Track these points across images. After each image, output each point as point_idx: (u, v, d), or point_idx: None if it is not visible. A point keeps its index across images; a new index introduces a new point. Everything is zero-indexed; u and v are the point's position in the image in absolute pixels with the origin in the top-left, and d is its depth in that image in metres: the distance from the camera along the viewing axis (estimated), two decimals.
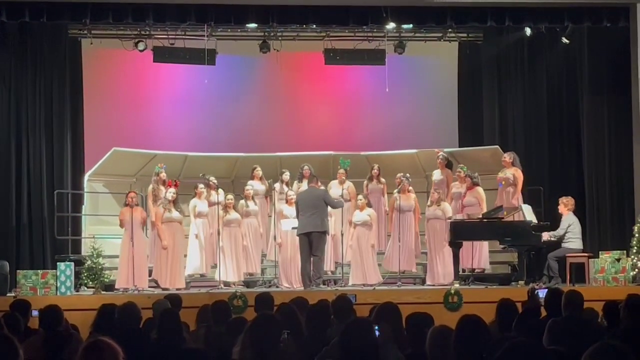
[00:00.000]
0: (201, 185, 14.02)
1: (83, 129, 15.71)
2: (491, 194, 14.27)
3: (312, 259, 12.87)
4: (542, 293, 8.75)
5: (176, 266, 13.30)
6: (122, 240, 13.17)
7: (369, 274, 13.65)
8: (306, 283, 12.86)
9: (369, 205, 13.95)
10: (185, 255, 13.71)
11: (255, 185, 14.41)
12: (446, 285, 13.15)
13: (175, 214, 13.38)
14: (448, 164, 14.79)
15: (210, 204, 14.00)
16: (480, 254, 14.01)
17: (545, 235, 13.31)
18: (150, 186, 13.97)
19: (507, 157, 14.28)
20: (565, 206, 13.63)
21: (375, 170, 14.80)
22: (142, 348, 5.93)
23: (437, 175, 14.70)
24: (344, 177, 14.36)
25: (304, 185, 14.01)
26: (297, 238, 13.08)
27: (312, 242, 12.87)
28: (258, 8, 13.87)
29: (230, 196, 13.90)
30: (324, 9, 14.01)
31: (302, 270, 12.97)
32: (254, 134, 16.63)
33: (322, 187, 13.69)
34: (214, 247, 13.88)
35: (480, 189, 14.11)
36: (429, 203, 14.08)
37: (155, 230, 13.40)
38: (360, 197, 13.95)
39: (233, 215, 13.77)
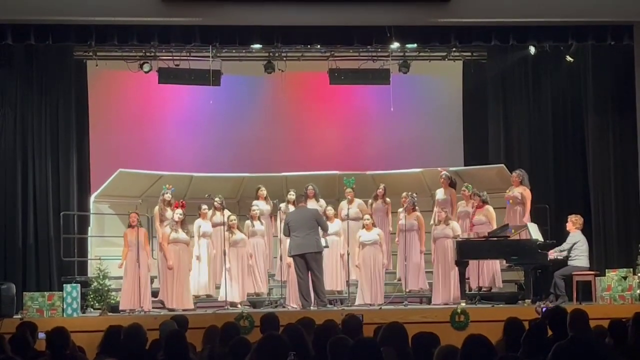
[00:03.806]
0: (204, 206, 14.05)
1: (89, 150, 15.72)
2: (498, 213, 14.25)
3: (312, 280, 12.83)
4: None
5: (182, 287, 13.31)
6: (126, 262, 13.17)
7: (379, 294, 13.62)
8: (304, 303, 12.82)
9: (374, 225, 13.94)
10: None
11: (260, 205, 14.41)
12: (453, 304, 13.12)
13: (181, 234, 13.40)
14: (451, 184, 14.78)
15: (215, 225, 14.03)
16: (487, 273, 13.98)
17: (552, 253, 13.30)
18: (157, 207, 14.00)
19: (516, 175, 14.28)
20: (574, 224, 13.60)
21: (381, 190, 14.78)
22: None
23: (440, 194, 14.70)
24: (352, 196, 14.33)
25: (309, 205, 13.95)
26: None
27: (308, 262, 12.85)
28: (262, 29, 13.89)
29: (233, 217, 13.91)
30: (328, 29, 14.01)
31: (301, 290, 12.89)
32: (260, 154, 16.66)
33: (313, 208, 13.68)
34: (218, 267, 13.88)
35: (490, 208, 14.10)
36: (435, 222, 14.04)
37: (162, 251, 13.42)
38: (367, 216, 13.93)
39: (239, 235, 13.78)
